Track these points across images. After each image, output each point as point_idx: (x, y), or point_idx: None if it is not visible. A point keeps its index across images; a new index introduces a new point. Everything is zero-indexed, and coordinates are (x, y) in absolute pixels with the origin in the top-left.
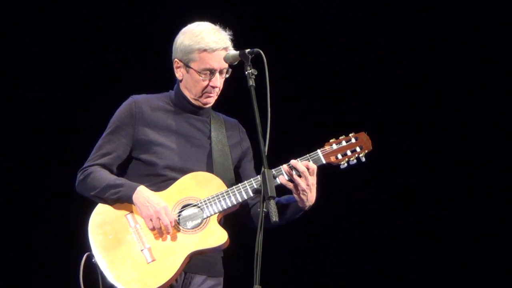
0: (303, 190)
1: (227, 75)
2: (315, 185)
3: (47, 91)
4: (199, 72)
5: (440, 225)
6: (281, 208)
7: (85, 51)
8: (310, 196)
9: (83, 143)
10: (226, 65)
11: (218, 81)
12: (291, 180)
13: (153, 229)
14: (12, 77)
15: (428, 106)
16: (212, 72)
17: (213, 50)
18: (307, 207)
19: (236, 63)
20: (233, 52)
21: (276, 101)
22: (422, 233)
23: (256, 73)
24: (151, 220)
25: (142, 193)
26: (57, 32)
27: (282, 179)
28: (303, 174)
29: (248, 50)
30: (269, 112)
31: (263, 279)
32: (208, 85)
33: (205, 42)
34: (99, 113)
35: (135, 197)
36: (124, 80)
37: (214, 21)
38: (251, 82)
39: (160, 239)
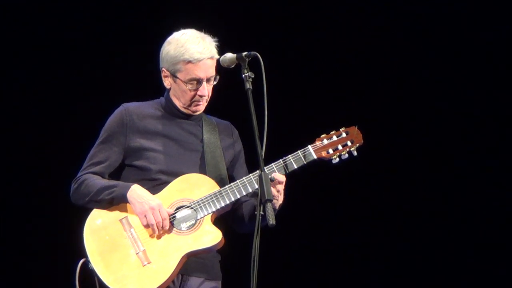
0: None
1: (215, 82)
2: (283, 190)
3: (41, 98)
4: (185, 83)
5: (436, 221)
6: (254, 210)
7: (77, 60)
8: (280, 199)
9: (79, 148)
10: (213, 73)
11: (206, 90)
12: None
13: (147, 225)
14: (5, 85)
15: (420, 100)
16: (198, 81)
17: (198, 61)
18: (278, 207)
19: (233, 66)
20: (230, 55)
21: (267, 98)
22: (417, 228)
23: (253, 76)
24: (145, 216)
25: (136, 191)
26: (49, 41)
27: None
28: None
29: (245, 53)
30: (266, 115)
31: (260, 284)
32: (195, 94)
33: (189, 53)
34: (94, 120)
35: (129, 194)
36: (116, 87)
37: (209, 26)
38: (248, 85)
39: (155, 241)
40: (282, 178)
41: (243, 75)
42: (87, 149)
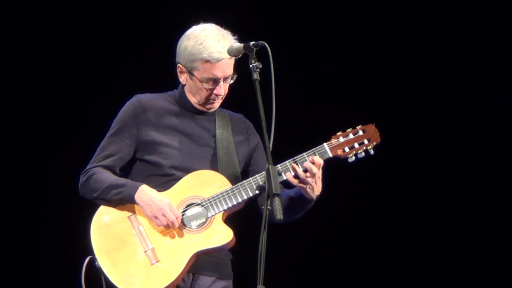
0: (309, 184)
1: (232, 81)
2: (320, 177)
3: (50, 91)
4: (202, 81)
5: (450, 222)
6: (293, 201)
7: (88, 50)
8: (316, 188)
9: (86, 144)
10: (231, 72)
11: (222, 89)
12: (297, 176)
13: (159, 227)
14: (14, 77)
15: (438, 97)
16: (215, 81)
17: (217, 61)
18: (315, 197)
19: (240, 56)
20: (237, 44)
21: (281, 94)
22: (430, 230)
23: (260, 67)
24: (156, 218)
25: (145, 192)
26: (62, 31)
27: (289, 175)
28: (309, 170)
29: (253, 42)
30: (274, 106)
31: (267, 279)
32: (211, 93)
33: (208, 52)
34: (103, 113)
35: (137, 196)
36: (128, 78)
37: (218, 15)
38: (256, 76)
39: (164, 239)
40: (319, 160)
41: (250, 65)
42: (96, 142)
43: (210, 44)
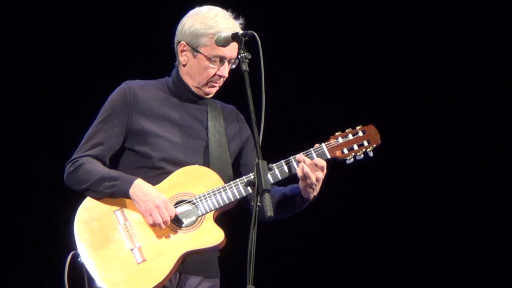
0: (312, 184)
1: (234, 66)
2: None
3: (35, 78)
4: (209, 58)
5: (450, 224)
6: (287, 199)
7: (76, 37)
8: (316, 189)
9: (71, 133)
10: (235, 55)
11: (226, 71)
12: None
13: (153, 224)
14: (3, 66)
15: (441, 99)
16: (222, 60)
17: None
18: (312, 198)
19: (228, 46)
20: (225, 34)
21: (279, 93)
22: (429, 232)
23: (249, 57)
24: (150, 215)
25: (140, 187)
26: (51, 19)
27: (300, 172)
28: (312, 172)
29: (242, 32)
30: (264, 99)
31: (257, 279)
32: (215, 73)
33: (220, 28)
34: (89, 100)
35: (132, 191)
36: (116, 65)
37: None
38: (245, 67)
39: (152, 237)
40: (322, 162)
41: (239, 56)
42: (82, 131)
43: (220, 21)
